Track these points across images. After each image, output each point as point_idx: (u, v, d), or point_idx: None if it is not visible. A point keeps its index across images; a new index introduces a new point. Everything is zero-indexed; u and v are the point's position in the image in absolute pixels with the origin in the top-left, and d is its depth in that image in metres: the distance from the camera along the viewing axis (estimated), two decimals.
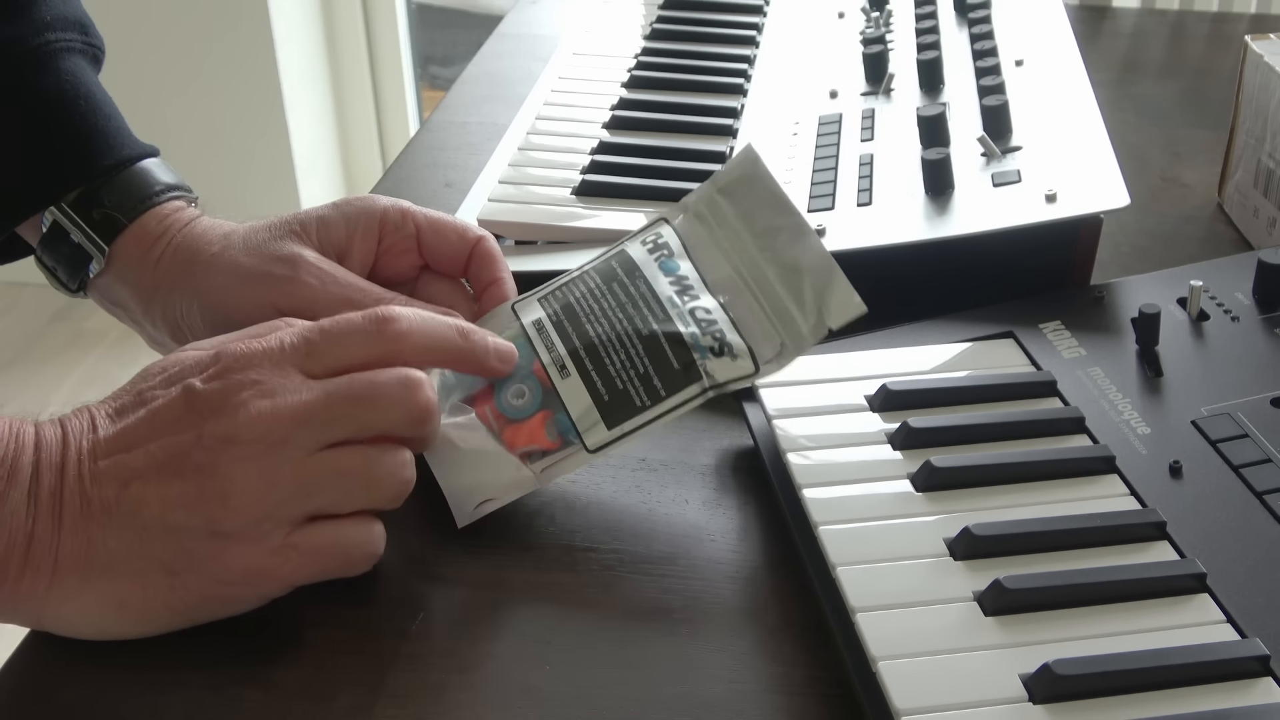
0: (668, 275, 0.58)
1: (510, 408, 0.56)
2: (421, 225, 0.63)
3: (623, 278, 0.58)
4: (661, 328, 0.55)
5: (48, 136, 0.65)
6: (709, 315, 0.56)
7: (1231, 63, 0.92)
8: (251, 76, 2.32)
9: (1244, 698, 0.44)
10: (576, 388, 0.55)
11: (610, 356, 0.55)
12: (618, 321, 0.56)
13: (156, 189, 0.65)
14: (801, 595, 0.52)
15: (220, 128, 2.36)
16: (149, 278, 0.64)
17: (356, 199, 0.63)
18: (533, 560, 0.55)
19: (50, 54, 0.66)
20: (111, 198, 0.64)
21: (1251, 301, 0.63)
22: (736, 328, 0.56)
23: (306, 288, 0.58)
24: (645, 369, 0.55)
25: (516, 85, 0.99)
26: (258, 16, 2.27)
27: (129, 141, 0.67)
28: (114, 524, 0.48)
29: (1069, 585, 0.47)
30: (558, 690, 0.49)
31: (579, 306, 0.57)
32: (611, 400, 0.55)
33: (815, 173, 0.76)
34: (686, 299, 0.57)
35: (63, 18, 0.67)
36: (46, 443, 0.49)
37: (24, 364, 2.40)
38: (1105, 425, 0.56)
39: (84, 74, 0.67)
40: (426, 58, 2.75)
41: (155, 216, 0.65)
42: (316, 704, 0.48)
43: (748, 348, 0.55)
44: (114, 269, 0.65)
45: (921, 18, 0.93)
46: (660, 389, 0.55)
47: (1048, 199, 0.66)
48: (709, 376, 0.55)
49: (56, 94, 0.65)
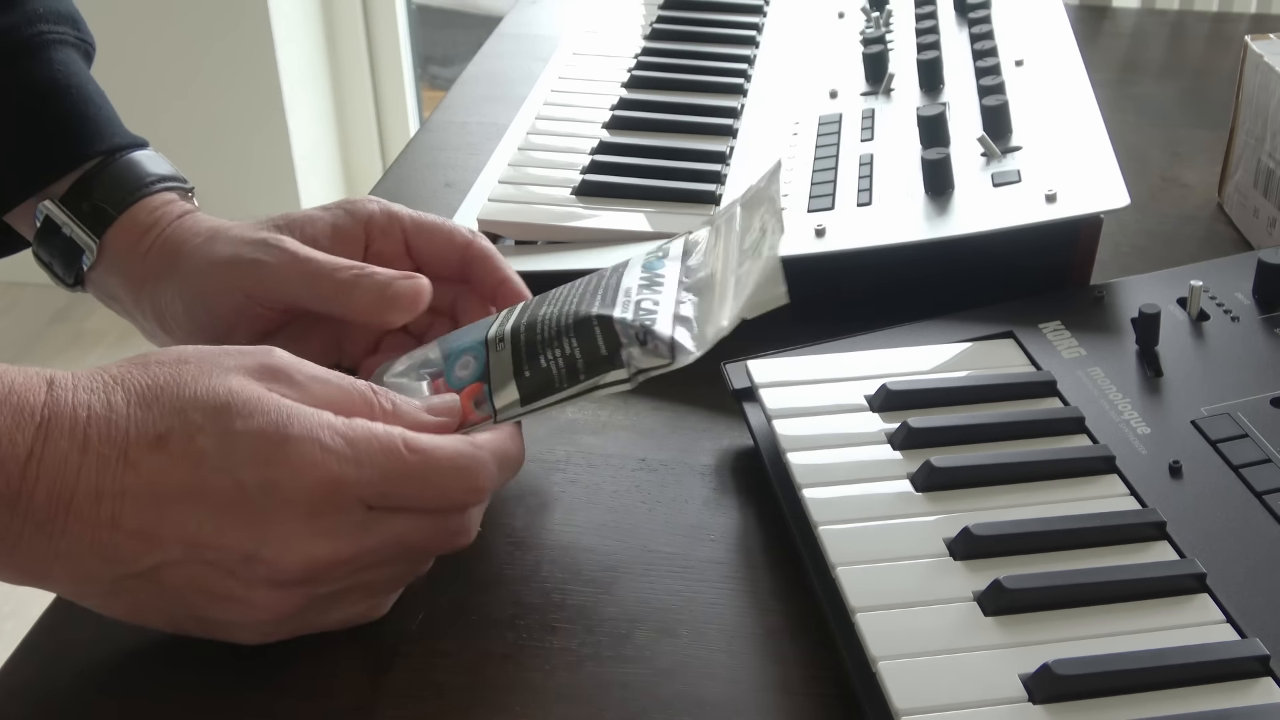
0: (645, 272, 0.57)
1: (455, 379, 0.56)
2: (408, 229, 0.62)
3: (606, 271, 0.58)
4: (599, 312, 0.55)
5: (37, 124, 0.65)
6: (654, 306, 0.55)
7: (1231, 63, 0.92)
8: (251, 76, 2.32)
9: (1244, 698, 0.44)
10: (503, 362, 0.55)
11: (543, 334, 0.55)
12: (567, 305, 0.56)
13: (147, 180, 0.65)
14: (801, 595, 0.52)
15: (220, 128, 2.36)
16: (138, 269, 0.64)
17: (347, 201, 0.63)
18: (532, 560, 0.55)
19: (42, 44, 0.66)
20: (101, 190, 0.64)
21: (1251, 301, 0.63)
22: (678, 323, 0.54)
23: (268, 268, 0.59)
24: (572, 350, 0.54)
25: (516, 85, 0.99)
26: (258, 16, 2.27)
27: (119, 131, 0.67)
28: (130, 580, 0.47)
29: (1069, 585, 0.47)
30: (558, 690, 0.49)
31: (553, 293, 0.58)
32: (532, 377, 0.54)
33: (815, 173, 0.76)
34: (645, 293, 0.56)
35: (55, 11, 0.67)
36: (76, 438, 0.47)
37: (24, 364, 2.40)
38: (1105, 425, 0.56)
39: (75, 65, 0.67)
40: (426, 58, 2.75)
41: (145, 208, 0.64)
42: (316, 704, 0.48)
43: (670, 339, 0.53)
44: (105, 261, 0.65)
45: (921, 18, 0.93)
46: (581, 371, 0.54)
47: (1048, 199, 0.66)
48: (631, 364, 0.54)
49: (48, 83, 0.65)
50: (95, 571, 0.47)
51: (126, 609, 0.48)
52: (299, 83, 2.39)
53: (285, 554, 0.47)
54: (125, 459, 0.46)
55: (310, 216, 0.62)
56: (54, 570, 0.46)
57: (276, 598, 0.48)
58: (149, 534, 0.46)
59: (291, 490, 0.47)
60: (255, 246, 0.60)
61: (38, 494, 0.45)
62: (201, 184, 0.70)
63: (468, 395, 0.55)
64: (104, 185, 0.65)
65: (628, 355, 0.53)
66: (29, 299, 2.53)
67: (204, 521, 0.46)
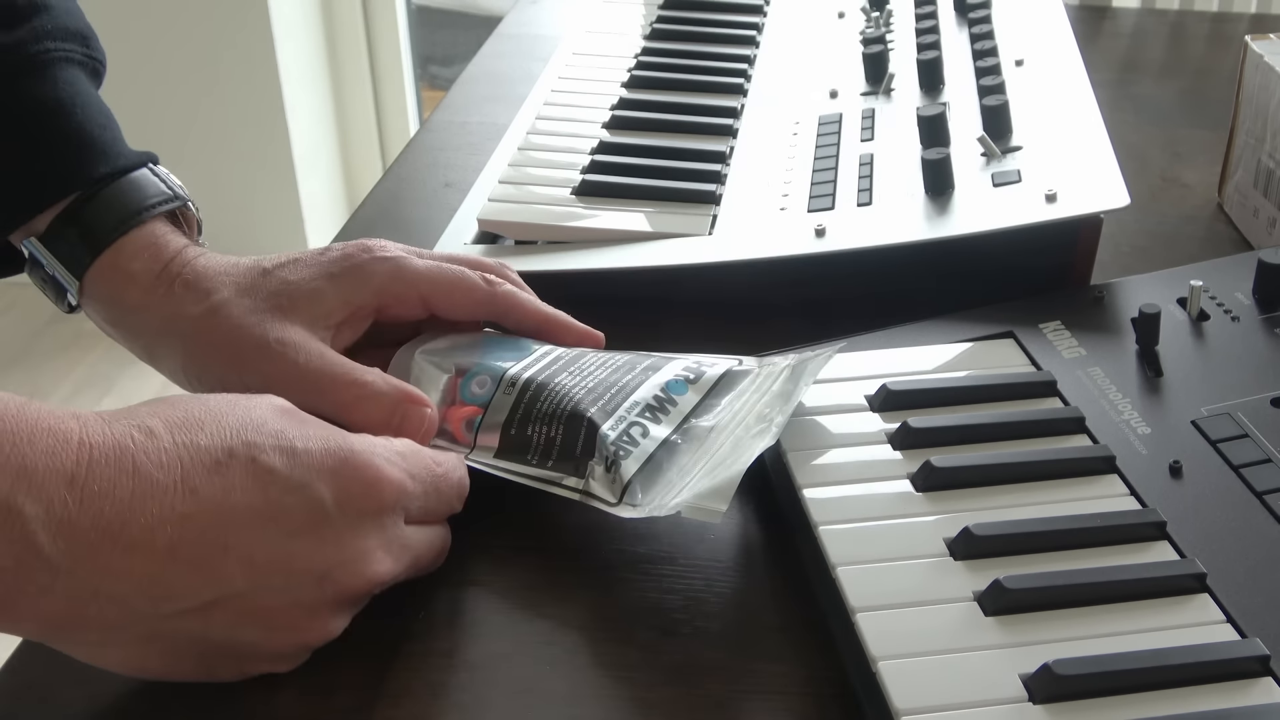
0: (663, 391, 0.56)
1: (469, 392, 0.57)
2: (426, 294, 0.60)
3: (643, 361, 0.58)
4: (593, 416, 0.54)
5: (34, 145, 0.62)
6: (640, 438, 0.54)
7: (1231, 63, 0.92)
8: (251, 76, 2.32)
9: (1244, 698, 0.44)
10: (503, 406, 0.56)
11: (545, 403, 0.55)
12: (582, 385, 0.56)
13: (130, 212, 0.61)
14: (801, 595, 0.52)
15: (220, 128, 2.36)
16: (129, 322, 0.61)
17: (353, 259, 0.59)
18: (533, 560, 0.55)
19: (48, 62, 0.63)
20: (79, 228, 0.60)
21: (1251, 301, 0.63)
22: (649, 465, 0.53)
23: (270, 378, 0.55)
24: (555, 435, 0.55)
25: (516, 85, 0.99)
26: (258, 16, 2.27)
27: (119, 152, 0.63)
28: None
29: (1069, 585, 0.47)
30: (558, 690, 0.49)
31: (588, 359, 0.58)
32: (515, 437, 0.55)
33: (815, 173, 0.76)
34: (644, 417, 0.55)
35: (64, 28, 0.64)
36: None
37: (24, 364, 2.40)
38: (1105, 425, 0.56)
39: (79, 84, 0.64)
40: (426, 58, 2.75)
41: (125, 252, 0.60)
42: (316, 704, 0.48)
43: (628, 483, 0.53)
44: (90, 303, 0.62)
45: (921, 18, 0.93)
46: (551, 459, 0.55)
47: (1048, 199, 0.66)
48: (588, 481, 0.53)
49: (51, 103, 0.62)
50: (138, 612, 0.43)
51: (159, 657, 0.46)
52: (299, 83, 2.39)
53: (356, 574, 0.46)
54: (184, 484, 0.43)
55: (317, 293, 0.58)
56: (87, 615, 0.42)
57: (335, 621, 0.47)
58: (211, 564, 0.43)
59: (365, 502, 0.46)
60: (259, 351, 0.56)
61: (81, 523, 0.41)
62: (201, 185, 0.70)
63: (467, 414, 0.56)
64: (84, 221, 0.61)
65: (589, 470, 0.54)
66: (29, 299, 2.51)
67: (276, 545, 0.44)
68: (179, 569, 0.43)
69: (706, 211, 0.75)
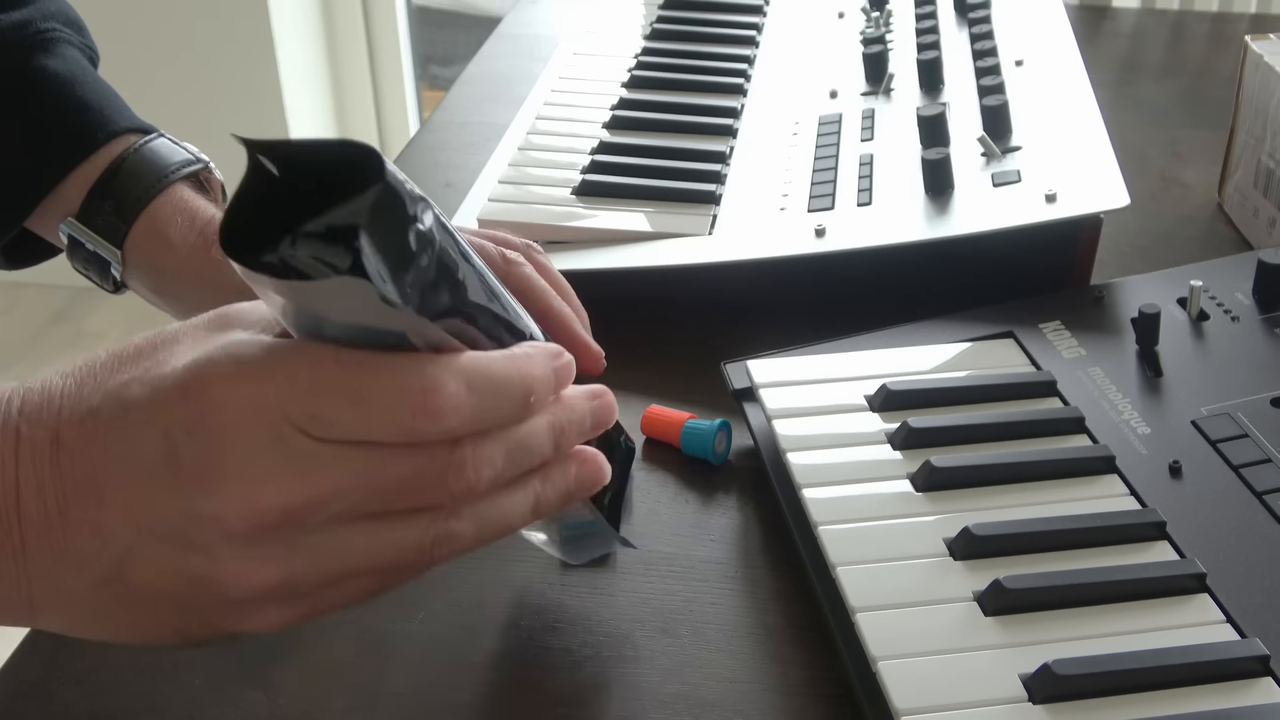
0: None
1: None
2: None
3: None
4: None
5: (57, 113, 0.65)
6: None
7: (1231, 63, 0.92)
8: (251, 76, 2.32)
9: (1244, 698, 0.44)
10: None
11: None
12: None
13: (159, 173, 0.64)
14: (801, 595, 0.52)
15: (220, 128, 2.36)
16: (169, 286, 0.64)
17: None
18: (533, 561, 0.55)
19: (56, 40, 0.66)
20: (111, 199, 0.64)
21: (1251, 301, 0.63)
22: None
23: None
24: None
25: (516, 85, 0.99)
26: (258, 16, 2.27)
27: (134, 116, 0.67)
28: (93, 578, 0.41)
29: (1069, 585, 0.47)
30: (558, 690, 0.49)
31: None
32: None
33: (815, 173, 0.76)
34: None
35: (62, 14, 0.68)
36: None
37: (24, 364, 2.40)
38: (1105, 425, 0.56)
39: (84, 63, 0.68)
40: (426, 58, 2.75)
41: (159, 217, 0.64)
42: (316, 704, 0.48)
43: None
44: (131, 273, 0.65)
45: (921, 18, 0.93)
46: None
47: (1048, 199, 0.66)
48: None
49: (65, 74, 0.65)
50: (70, 586, 0.41)
51: (127, 628, 0.42)
52: (299, 83, 2.39)
53: (226, 504, 0.39)
54: (57, 441, 0.40)
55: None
56: (34, 595, 0.41)
57: (245, 564, 0.40)
58: (95, 520, 0.40)
59: (214, 424, 0.39)
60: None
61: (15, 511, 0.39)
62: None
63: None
64: (114, 191, 0.64)
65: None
66: (29, 299, 2.52)
67: (140, 486, 0.39)
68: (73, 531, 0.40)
69: (706, 211, 0.75)
